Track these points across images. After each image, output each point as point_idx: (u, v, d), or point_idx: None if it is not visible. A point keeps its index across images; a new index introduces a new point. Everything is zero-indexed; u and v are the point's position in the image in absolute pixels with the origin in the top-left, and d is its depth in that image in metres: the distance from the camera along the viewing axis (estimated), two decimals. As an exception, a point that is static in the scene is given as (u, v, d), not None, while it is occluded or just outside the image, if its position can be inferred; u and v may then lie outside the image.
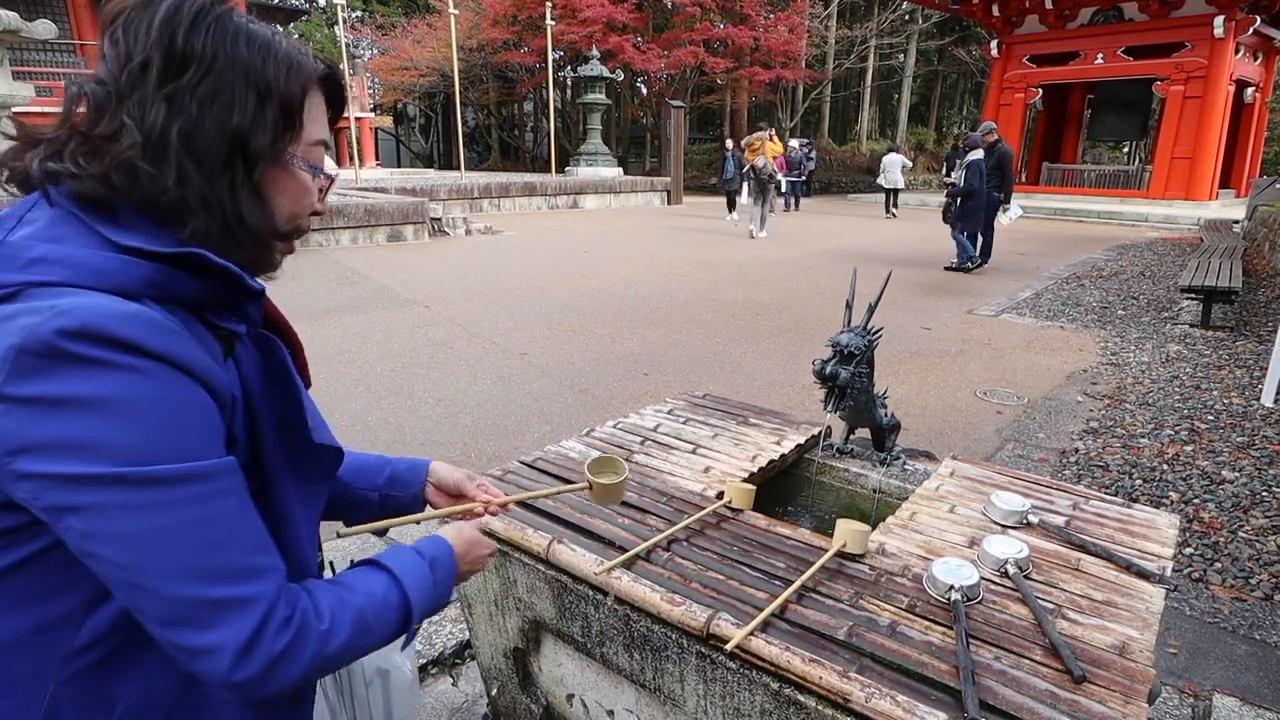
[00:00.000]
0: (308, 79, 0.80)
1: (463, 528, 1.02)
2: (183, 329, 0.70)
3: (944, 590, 1.33)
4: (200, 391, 0.70)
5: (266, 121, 0.75)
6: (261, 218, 0.78)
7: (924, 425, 4.14)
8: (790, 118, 28.88)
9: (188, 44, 0.71)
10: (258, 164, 0.76)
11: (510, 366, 5.32)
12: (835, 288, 8.07)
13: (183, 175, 0.71)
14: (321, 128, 0.84)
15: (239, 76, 0.73)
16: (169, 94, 0.70)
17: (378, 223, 11.15)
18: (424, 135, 37.91)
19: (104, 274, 0.67)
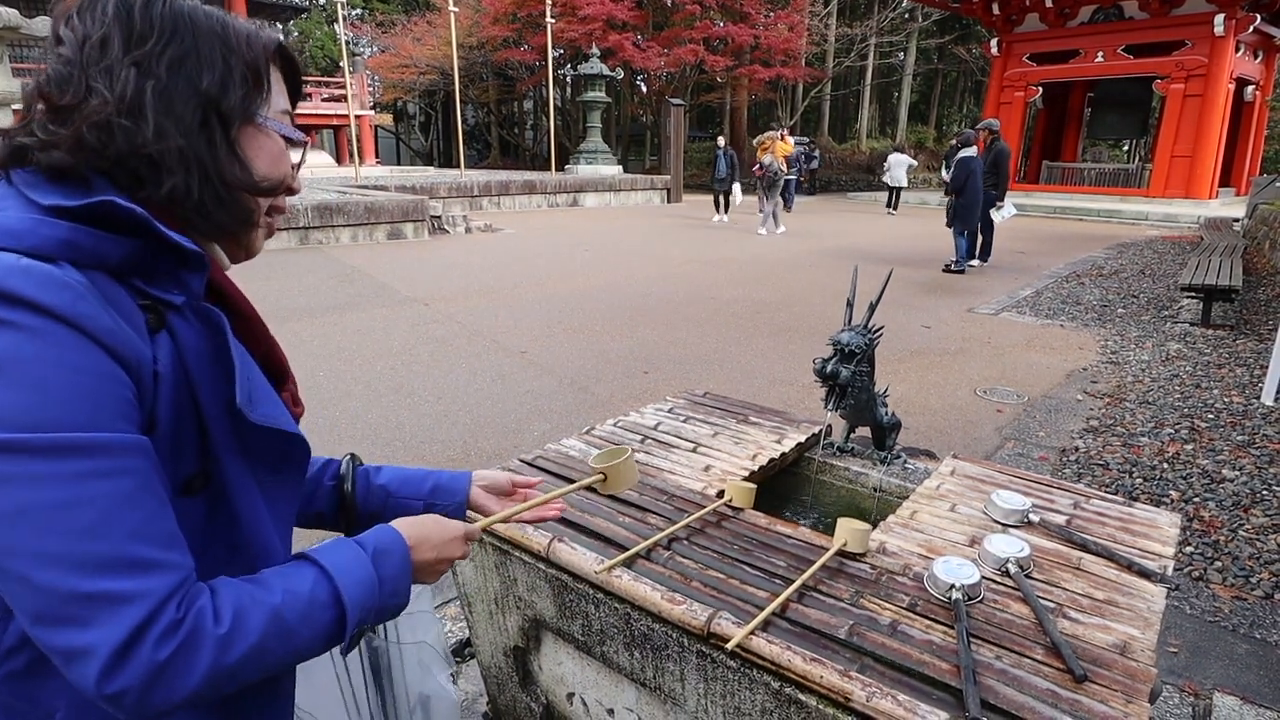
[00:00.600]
0: (267, 45, 0.81)
1: (425, 519, 0.91)
2: (93, 292, 0.65)
3: (945, 589, 1.33)
4: (103, 358, 0.64)
5: (234, 81, 0.76)
6: (242, 175, 0.78)
7: (924, 424, 4.14)
8: (790, 116, 28.84)
9: (145, 17, 0.71)
10: (232, 123, 0.76)
11: (510, 364, 5.31)
12: (835, 286, 8.07)
13: (160, 130, 0.71)
14: (284, 99, 0.85)
15: (203, 41, 0.74)
16: (136, 59, 0.70)
17: (378, 220, 11.14)
18: (424, 133, 37.89)
19: (17, 236, 0.64)
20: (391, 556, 0.83)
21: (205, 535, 0.77)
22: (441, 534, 0.90)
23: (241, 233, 0.84)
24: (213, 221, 0.77)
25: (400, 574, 0.83)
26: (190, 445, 0.74)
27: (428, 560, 0.88)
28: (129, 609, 0.61)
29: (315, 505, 1.14)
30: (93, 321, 0.63)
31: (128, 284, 0.70)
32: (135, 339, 0.68)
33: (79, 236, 0.66)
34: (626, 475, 1.31)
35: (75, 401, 0.61)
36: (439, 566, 0.91)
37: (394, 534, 0.86)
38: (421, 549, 0.87)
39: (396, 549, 0.84)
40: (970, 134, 9.49)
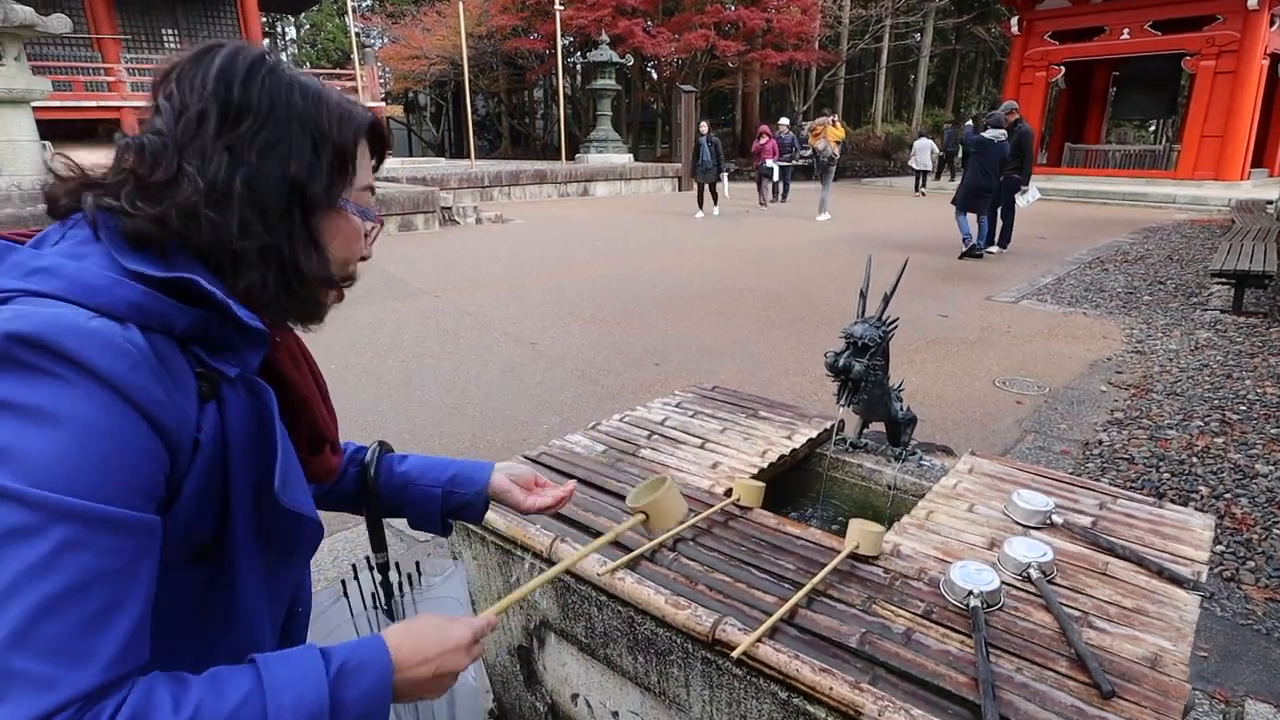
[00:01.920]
0: (359, 127, 0.81)
1: (425, 625, 0.79)
2: (151, 360, 0.65)
3: (962, 596, 1.27)
4: (143, 429, 0.64)
5: (322, 168, 0.76)
6: (317, 265, 0.78)
7: (941, 416, 4.05)
8: (803, 101, 28.52)
9: (244, 95, 0.72)
10: (314, 211, 0.77)
11: (520, 356, 5.27)
12: (850, 274, 7.95)
13: (245, 224, 0.72)
14: (368, 173, 0.85)
15: (295, 125, 0.74)
16: (229, 144, 0.71)
17: (388, 212, 11.12)
18: (435, 124, 37.85)
19: (93, 291, 0.65)
20: (362, 675, 0.71)
21: (200, 602, 0.77)
22: (441, 644, 0.77)
23: (318, 317, 0.85)
24: (284, 311, 0.79)
25: (372, 698, 0.71)
26: (210, 516, 0.74)
27: (422, 677, 0.76)
28: (40, 698, 0.56)
29: (342, 487, 1.14)
30: (142, 393, 0.64)
31: (189, 350, 0.71)
32: (183, 408, 0.69)
33: (151, 302, 0.67)
34: (670, 509, 1.13)
35: (97, 469, 0.61)
36: (439, 683, 0.78)
37: (377, 648, 0.74)
38: (412, 665, 0.75)
39: (373, 666, 0.72)
40: (1001, 116, 9.16)
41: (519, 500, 1.17)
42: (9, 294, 0.64)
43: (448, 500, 1.14)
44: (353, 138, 0.80)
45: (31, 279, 0.65)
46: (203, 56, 0.73)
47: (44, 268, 0.66)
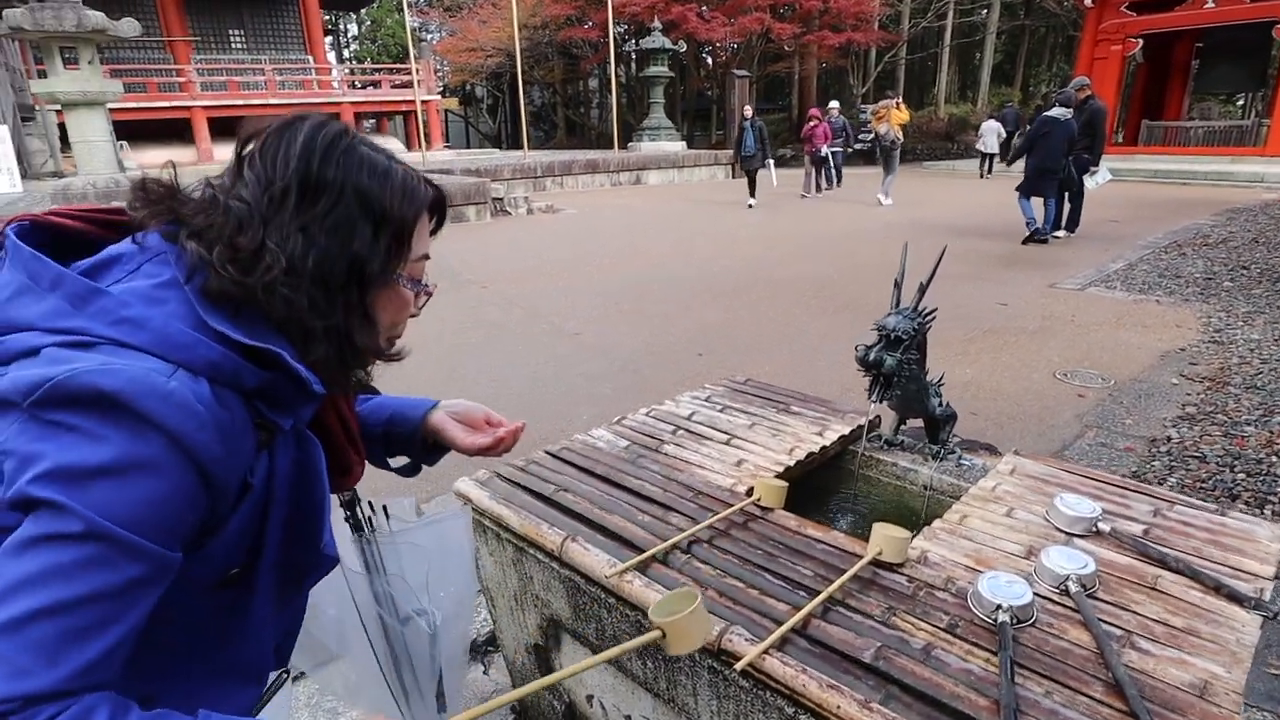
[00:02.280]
0: (420, 206, 0.86)
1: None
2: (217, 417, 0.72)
3: (990, 610, 1.18)
4: (194, 482, 0.71)
5: (381, 248, 0.82)
6: (369, 338, 0.85)
7: (994, 410, 3.87)
8: (862, 83, 27.75)
9: (321, 174, 0.78)
10: (370, 287, 0.83)
11: (563, 347, 5.26)
12: (908, 261, 7.70)
13: (314, 303, 0.78)
14: (425, 243, 0.90)
15: (362, 204, 0.80)
16: (304, 224, 0.77)
17: (442, 203, 11.27)
18: (491, 116, 38.25)
19: (177, 348, 0.71)
20: None
21: (215, 621, 0.85)
22: None
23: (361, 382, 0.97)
24: (337, 378, 0.86)
25: None
26: (243, 549, 0.82)
27: None
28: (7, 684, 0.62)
29: None
30: (204, 450, 0.71)
31: (252, 403, 0.77)
32: (240, 459, 0.76)
33: (227, 362, 0.74)
34: (693, 632, 1.00)
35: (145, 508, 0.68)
36: None
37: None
38: None
39: None
40: (1069, 93, 8.64)
41: (456, 437, 1.21)
42: (94, 340, 0.69)
43: (388, 440, 1.19)
44: (413, 216, 0.85)
45: (119, 328, 0.70)
46: (286, 130, 0.79)
47: (131, 319, 0.71)
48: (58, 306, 0.71)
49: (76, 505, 0.65)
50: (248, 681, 0.93)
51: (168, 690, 0.80)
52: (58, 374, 0.65)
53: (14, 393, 0.66)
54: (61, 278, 0.72)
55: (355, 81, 23.35)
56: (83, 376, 0.66)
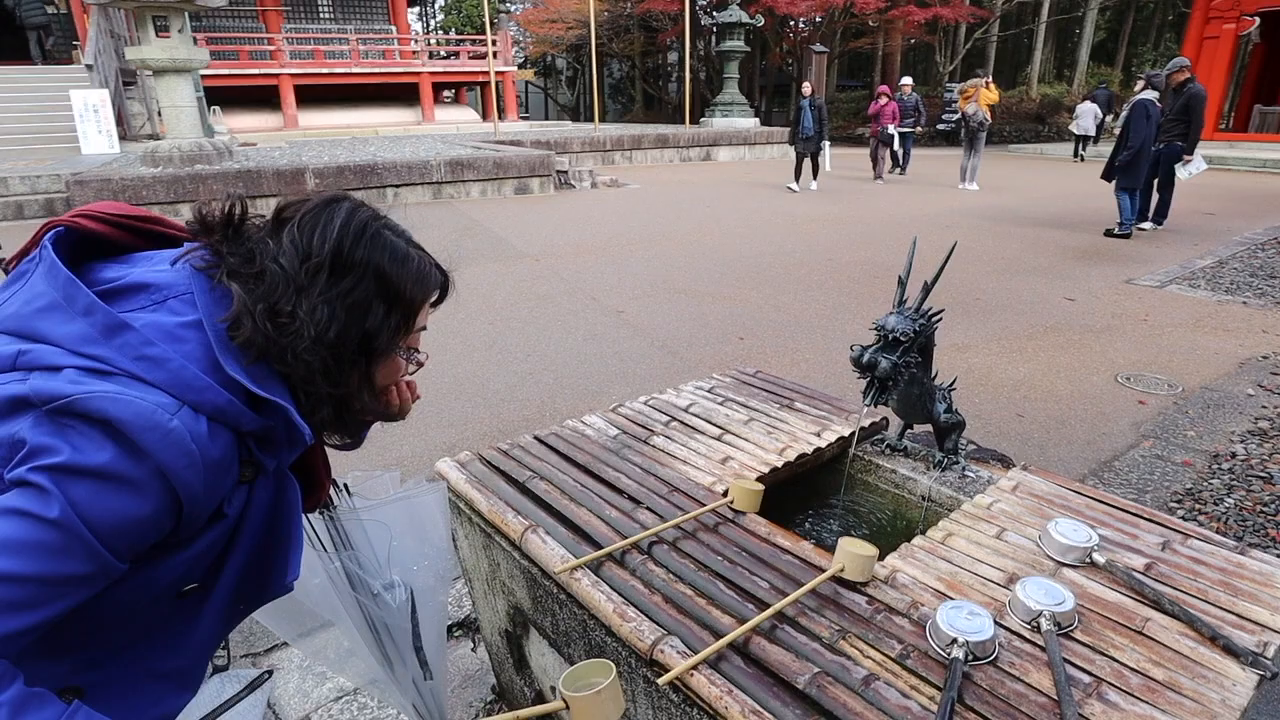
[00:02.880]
0: (429, 291, 0.97)
1: None
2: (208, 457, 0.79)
3: (946, 642, 1.08)
4: (167, 510, 0.78)
5: (391, 326, 0.91)
6: (369, 403, 0.96)
7: (1043, 414, 3.64)
8: (949, 60, 26.50)
9: (351, 254, 0.88)
10: (375, 358, 0.93)
11: (605, 324, 5.23)
12: (974, 249, 7.35)
13: (327, 371, 0.88)
14: (426, 318, 1.01)
15: (379, 287, 0.89)
16: (329, 298, 0.86)
17: (505, 175, 11.34)
18: (570, 88, 38.25)
19: (189, 390, 0.79)
20: None
21: (165, 625, 0.91)
22: None
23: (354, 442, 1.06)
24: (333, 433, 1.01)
25: None
26: (203, 568, 0.89)
27: None
28: None
29: None
30: (186, 488, 0.78)
31: (244, 443, 0.85)
32: (217, 492, 0.83)
33: (231, 408, 0.81)
34: (603, 709, 0.94)
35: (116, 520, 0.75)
36: None
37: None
38: None
39: None
40: (1159, 75, 8.14)
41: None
42: (114, 371, 0.77)
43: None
44: (421, 299, 0.95)
45: (139, 364, 0.77)
46: (326, 208, 0.89)
47: (151, 357, 0.78)
48: (86, 333, 0.78)
49: (58, 494, 0.72)
50: (182, 689, 0.97)
51: (100, 685, 0.83)
52: (76, 393, 0.73)
53: (35, 397, 0.74)
54: (94, 307, 0.79)
55: (434, 52, 23.65)
56: (97, 400, 0.74)
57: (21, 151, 11.65)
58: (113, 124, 12.27)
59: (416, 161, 10.66)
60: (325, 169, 9.95)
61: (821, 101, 12.10)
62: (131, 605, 0.85)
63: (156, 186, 8.93)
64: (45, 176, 9.10)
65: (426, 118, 21.39)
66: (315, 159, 10.94)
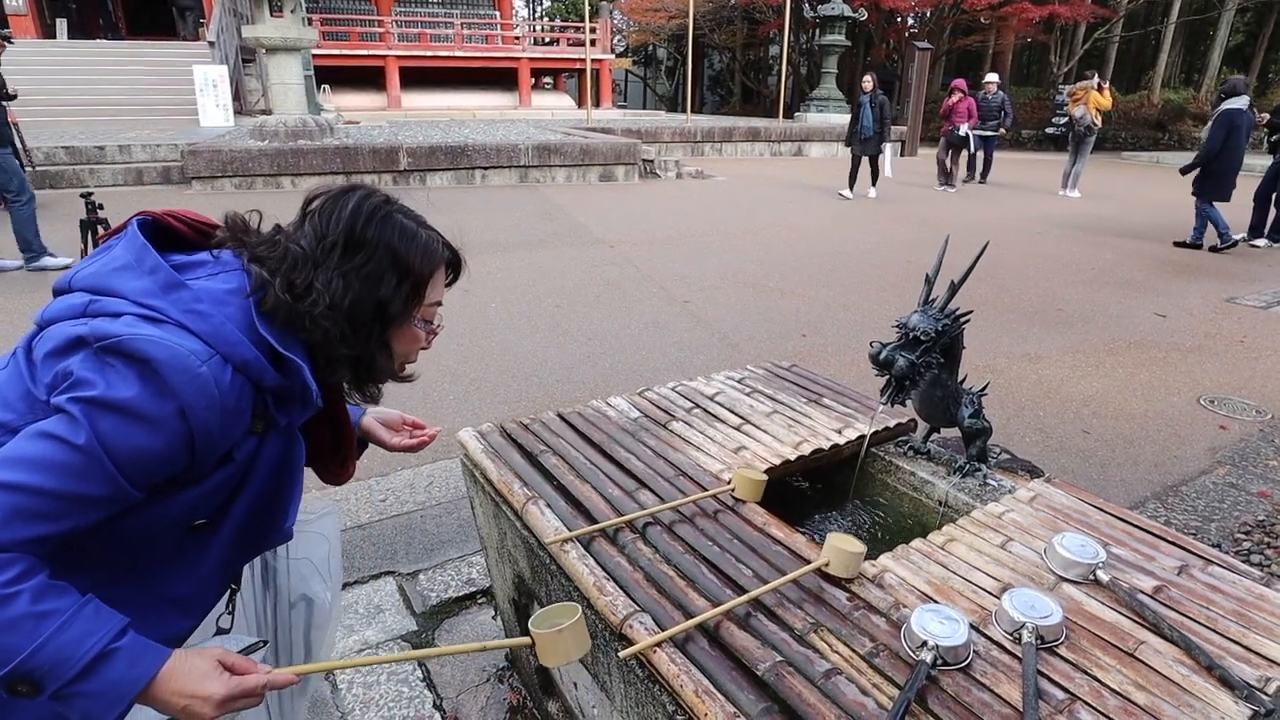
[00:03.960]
0: (435, 264, 1.07)
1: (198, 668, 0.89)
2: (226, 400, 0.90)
3: (916, 645, 1.06)
4: (182, 445, 0.89)
5: (402, 295, 1.03)
6: (387, 365, 1.07)
7: (1111, 431, 3.45)
8: (1065, 61, 25.06)
9: (363, 234, 0.99)
10: (390, 326, 1.04)
11: (669, 313, 5.24)
12: (1062, 258, 6.98)
13: (344, 336, 0.99)
14: (439, 293, 1.11)
15: (391, 260, 1.01)
16: (344, 271, 0.98)
17: (591, 162, 11.46)
18: (669, 78, 38.19)
19: (224, 342, 0.91)
20: (126, 667, 0.84)
21: (179, 554, 1.02)
22: (195, 691, 0.87)
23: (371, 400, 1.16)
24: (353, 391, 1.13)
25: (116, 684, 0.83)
26: (215, 507, 1.01)
27: (171, 704, 0.88)
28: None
29: None
30: (202, 425, 0.89)
31: (262, 394, 0.97)
32: (229, 437, 0.94)
33: (257, 363, 0.93)
34: (566, 646, 1.02)
35: (134, 450, 0.85)
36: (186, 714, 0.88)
37: (152, 660, 0.86)
38: (169, 691, 0.87)
39: (139, 667, 0.85)
40: (1239, 81, 7.75)
41: (384, 439, 1.41)
42: (164, 319, 0.89)
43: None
44: (429, 272, 1.06)
45: (187, 316, 0.90)
46: (341, 196, 1.01)
47: (199, 311, 0.90)
48: (149, 287, 0.91)
49: (86, 424, 0.83)
50: (188, 614, 1.08)
51: (117, 601, 0.91)
52: (126, 334, 0.85)
53: (91, 336, 0.86)
54: (158, 267, 0.93)
55: (535, 38, 24.07)
56: (140, 341, 0.85)
57: (148, 121, 12.53)
58: (229, 98, 13.05)
59: (505, 145, 10.90)
60: (418, 148, 10.30)
61: (884, 98, 10.75)
62: (146, 532, 0.96)
63: (261, 159, 9.45)
64: (164, 146, 9.77)
65: (523, 103, 21.82)
66: (410, 138, 11.33)
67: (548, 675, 1.78)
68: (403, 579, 2.41)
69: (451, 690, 1.97)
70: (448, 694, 1.96)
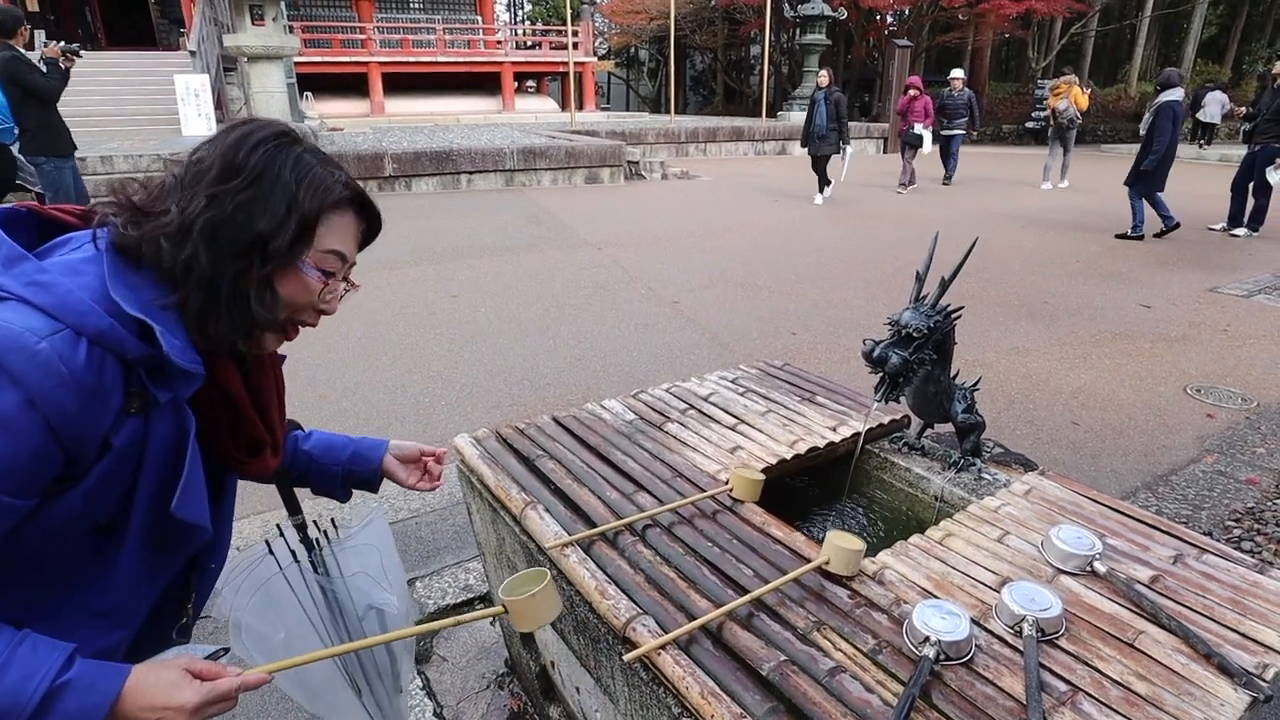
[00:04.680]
0: (328, 201, 0.93)
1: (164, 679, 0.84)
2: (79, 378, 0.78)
3: (919, 640, 1.07)
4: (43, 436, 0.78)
5: (287, 230, 0.89)
6: (267, 308, 0.91)
7: (1100, 422, 3.48)
8: (1043, 56, 25.31)
9: (244, 160, 0.87)
10: (272, 263, 0.90)
11: (658, 314, 5.25)
12: (1047, 252, 7.04)
13: (194, 256, 0.85)
14: (339, 240, 0.96)
15: (277, 192, 0.88)
16: (213, 193, 0.86)
17: (576, 165, 11.47)
18: (652, 79, 38.25)
19: (71, 313, 0.79)
20: (80, 696, 0.79)
21: (89, 561, 0.91)
22: (167, 701, 0.82)
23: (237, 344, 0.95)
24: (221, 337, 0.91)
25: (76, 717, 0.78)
26: (111, 503, 0.88)
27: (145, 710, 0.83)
28: None
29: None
30: (55, 408, 0.77)
31: (134, 370, 0.84)
32: (97, 420, 0.82)
33: (112, 332, 0.81)
34: (538, 611, 1.03)
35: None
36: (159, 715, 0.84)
37: (110, 681, 0.81)
38: (136, 707, 0.82)
39: (94, 693, 0.80)
40: (1174, 73, 7.90)
41: (403, 479, 1.35)
42: (7, 296, 0.79)
43: (348, 478, 1.33)
44: (317, 209, 0.92)
45: (29, 289, 0.80)
46: (235, 127, 0.91)
47: (41, 283, 0.80)
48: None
49: None
50: (116, 626, 0.97)
51: (37, 620, 0.86)
52: None
53: None
54: (1, 242, 0.83)
55: (517, 42, 24.03)
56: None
57: (130, 132, 12.42)
58: (211, 107, 12.94)
59: (490, 149, 10.88)
60: (403, 154, 10.27)
61: (839, 95, 10.03)
62: (44, 541, 0.86)
63: (245, 168, 9.38)
64: (146, 156, 9.68)
65: (507, 107, 21.79)
66: (394, 144, 11.30)
67: (549, 680, 1.78)
68: (399, 587, 2.40)
69: (452, 698, 1.97)
70: (448, 701, 1.95)
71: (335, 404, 3.59)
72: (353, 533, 1.36)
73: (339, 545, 1.35)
